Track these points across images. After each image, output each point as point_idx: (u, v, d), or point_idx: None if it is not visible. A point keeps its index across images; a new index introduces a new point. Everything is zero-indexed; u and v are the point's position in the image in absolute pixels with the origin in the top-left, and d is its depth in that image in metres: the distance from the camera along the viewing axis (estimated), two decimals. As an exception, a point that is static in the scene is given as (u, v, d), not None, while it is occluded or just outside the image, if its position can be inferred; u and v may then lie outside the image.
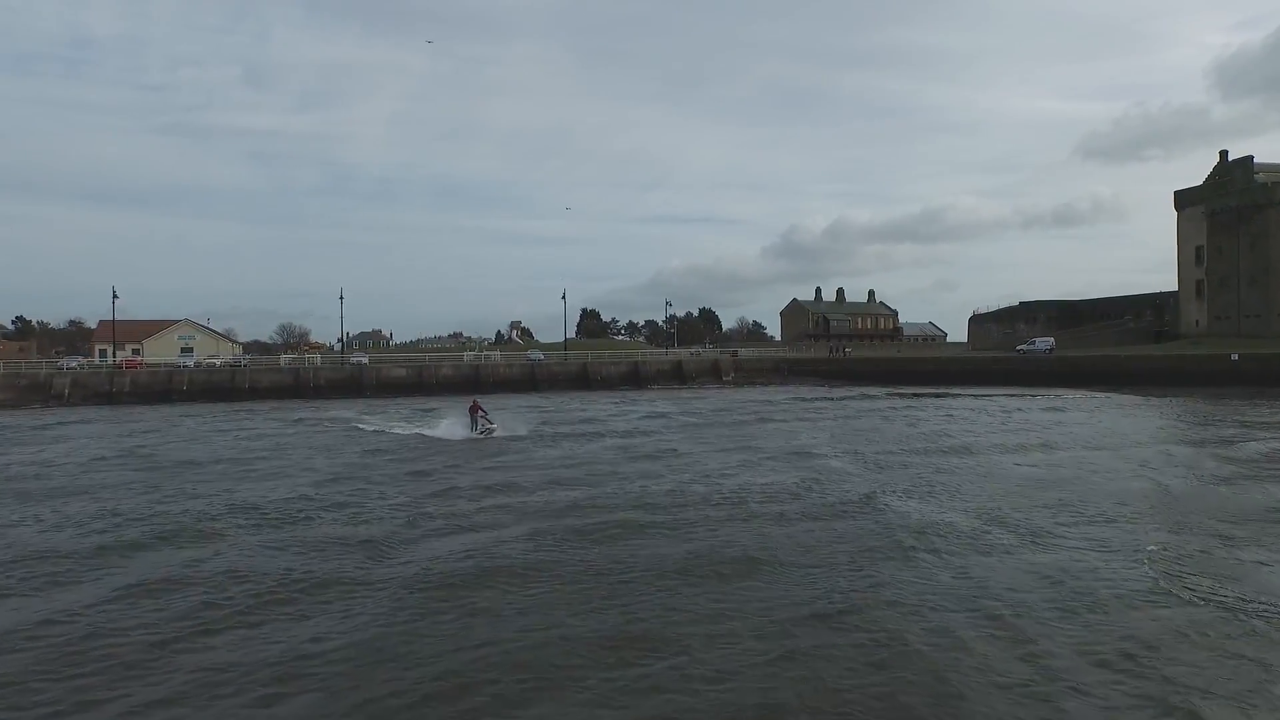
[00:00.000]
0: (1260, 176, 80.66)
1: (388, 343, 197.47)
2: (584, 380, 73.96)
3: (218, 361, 75.33)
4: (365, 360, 75.59)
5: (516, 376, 72.97)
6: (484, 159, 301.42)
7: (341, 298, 77.11)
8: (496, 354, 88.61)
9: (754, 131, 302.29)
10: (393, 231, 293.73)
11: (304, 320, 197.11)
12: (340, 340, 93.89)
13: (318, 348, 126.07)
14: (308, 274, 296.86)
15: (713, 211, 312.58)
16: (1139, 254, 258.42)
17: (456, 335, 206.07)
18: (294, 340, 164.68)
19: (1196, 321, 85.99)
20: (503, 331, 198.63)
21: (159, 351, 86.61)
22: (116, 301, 70.81)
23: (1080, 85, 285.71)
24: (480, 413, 31.89)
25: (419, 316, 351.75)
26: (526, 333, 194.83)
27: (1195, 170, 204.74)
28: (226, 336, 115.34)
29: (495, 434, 30.60)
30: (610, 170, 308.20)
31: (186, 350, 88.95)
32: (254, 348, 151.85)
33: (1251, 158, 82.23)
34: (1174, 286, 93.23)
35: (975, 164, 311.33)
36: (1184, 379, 60.53)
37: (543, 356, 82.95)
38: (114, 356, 74.96)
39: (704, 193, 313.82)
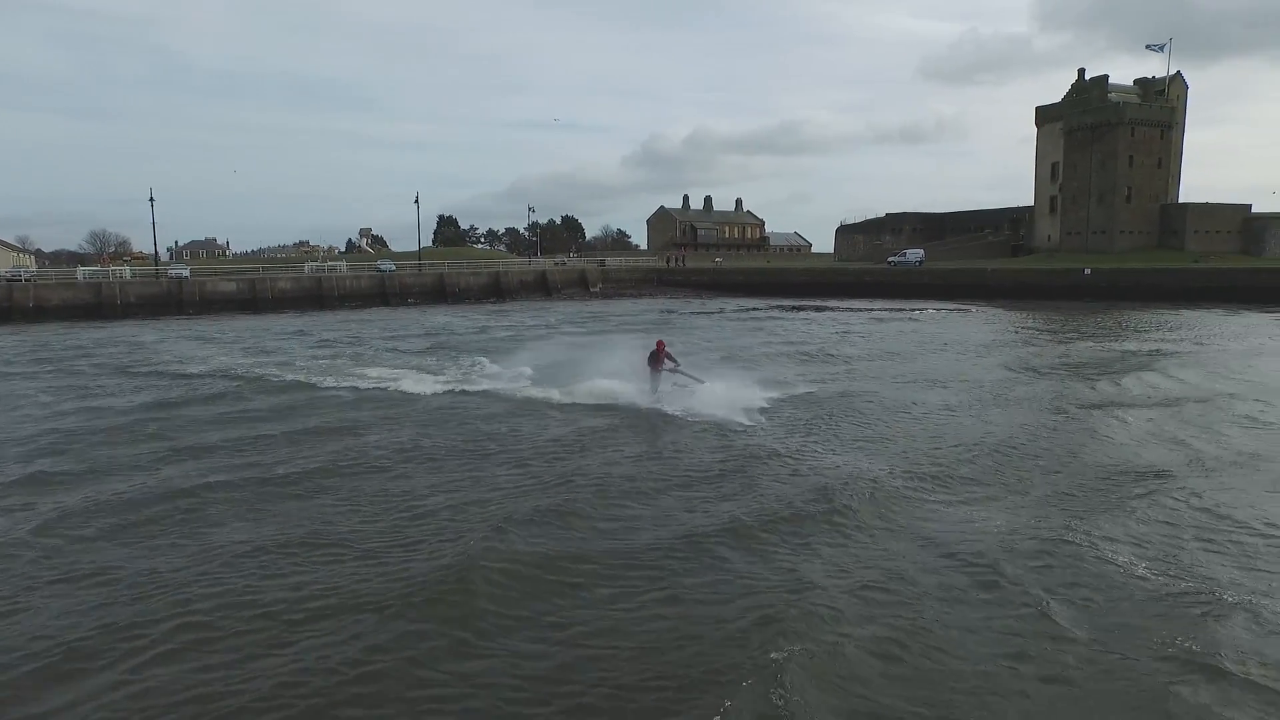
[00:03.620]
0: (1113, 96, 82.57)
1: (224, 252, 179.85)
2: (441, 293, 67.85)
3: (-7, 275, 63.18)
4: (186, 273, 65.75)
5: (365, 290, 65.87)
6: (338, 55, 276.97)
7: (151, 199, 66.38)
8: (342, 265, 79.95)
9: (623, 36, 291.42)
10: (235, 131, 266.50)
11: (131, 229, 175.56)
12: (168, 250, 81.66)
13: (140, 258, 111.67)
14: (136, 177, 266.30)
15: (576, 118, 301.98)
16: (980, 171, 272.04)
17: (303, 244, 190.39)
18: (111, 250, 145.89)
19: (1049, 237, 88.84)
20: (354, 240, 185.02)
21: (-79, 262, 72.46)
22: None
23: (932, 5, 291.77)
24: (669, 363, 18.79)
25: (263, 224, 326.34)
26: (378, 241, 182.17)
27: (1022, 96, 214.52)
28: (13, 245, 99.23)
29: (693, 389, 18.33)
30: (473, 72, 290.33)
31: (-42, 260, 74.93)
32: (63, 259, 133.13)
33: (1106, 77, 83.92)
34: (1020, 202, 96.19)
35: (834, 79, 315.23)
36: (1043, 292, 62.00)
37: (394, 267, 75.52)
38: None
39: (568, 98, 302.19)
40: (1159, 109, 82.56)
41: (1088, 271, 64.52)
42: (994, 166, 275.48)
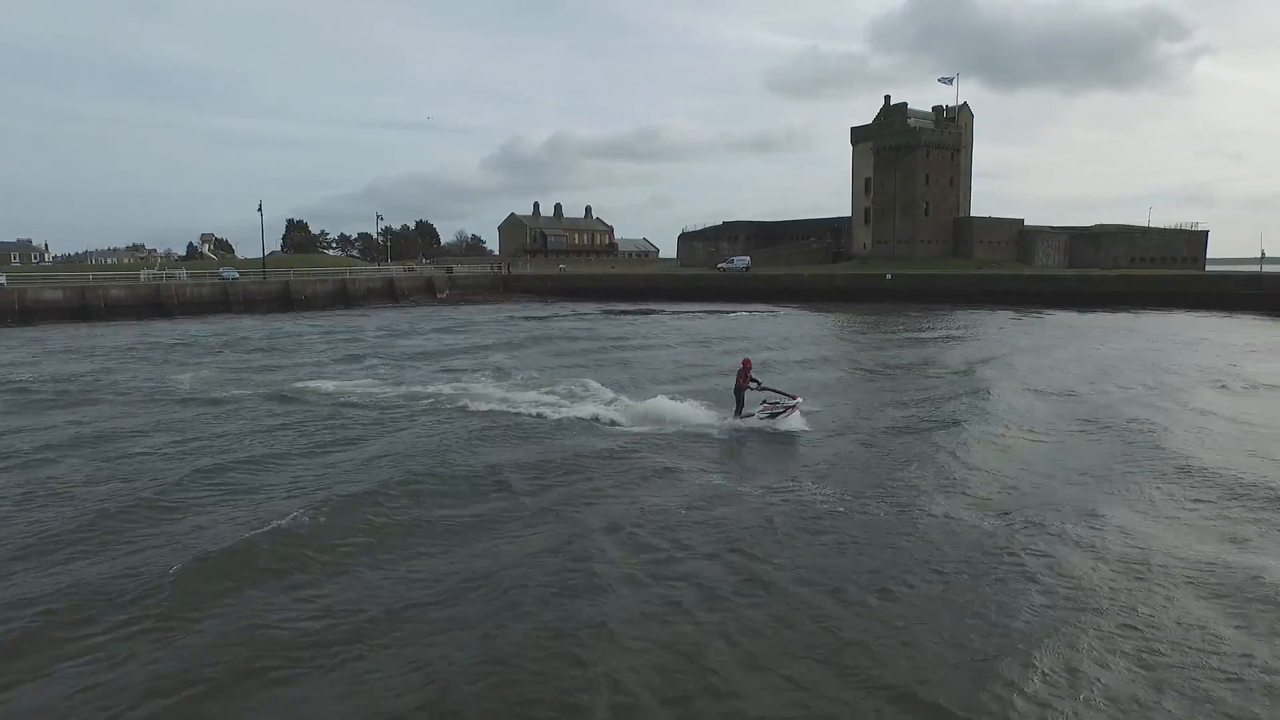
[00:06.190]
0: (912, 121, 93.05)
1: (42, 255, 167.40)
2: (286, 301, 68.21)
3: None
4: (2, 280, 63.39)
5: (206, 298, 65.37)
6: (178, 42, 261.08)
7: (-35, 203, 63.14)
8: (182, 272, 78.32)
9: (485, 38, 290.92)
10: (54, 119, 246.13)
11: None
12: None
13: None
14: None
15: (437, 118, 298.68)
16: (826, 179, 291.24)
17: (136, 248, 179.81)
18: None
19: (864, 245, 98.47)
20: (195, 244, 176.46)
21: None
22: None
23: (778, 21, 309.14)
24: (753, 383, 18.26)
25: (89, 225, 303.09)
26: (223, 245, 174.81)
27: (859, 111, 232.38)
28: None
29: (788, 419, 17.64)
30: (328, 68, 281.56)
31: None
32: None
33: (906, 104, 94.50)
34: (850, 213, 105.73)
35: (689, 88, 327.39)
36: (853, 295, 69.75)
37: (237, 274, 75.08)
38: None
39: (428, 98, 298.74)
40: (949, 134, 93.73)
41: (889, 276, 73.04)
42: (838, 175, 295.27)
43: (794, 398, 18.08)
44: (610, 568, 9.82)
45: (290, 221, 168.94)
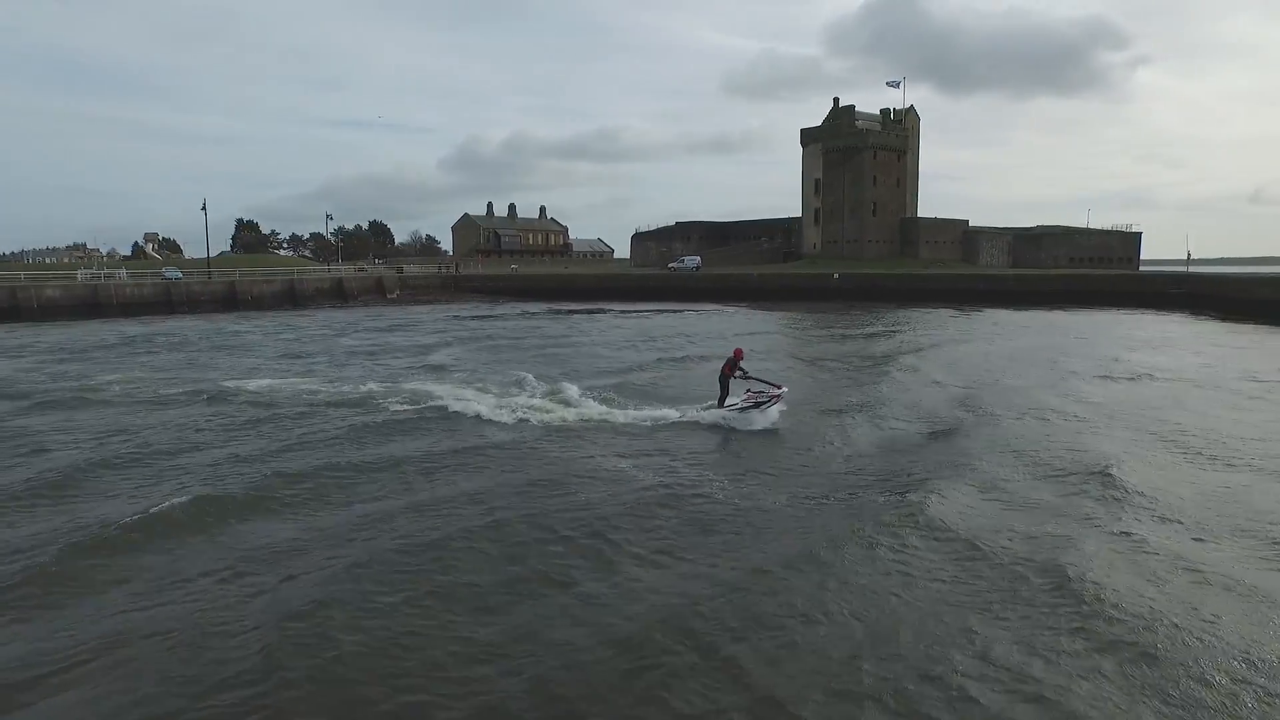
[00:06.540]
0: (860, 123, 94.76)
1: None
2: (232, 301, 67.26)
3: None
4: (-72, 280, 61.63)
5: (148, 298, 64.10)
6: (122, 34, 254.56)
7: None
8: (122, 271, 76.74)
9: (442, 36, 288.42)
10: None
11: None
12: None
13: None
14: None
15: (393, 117, 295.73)
16: (783, 180, 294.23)
17: (77, 248, 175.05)
18: None
19: (814, 245, 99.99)
20: (141, 244, 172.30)
21: None
22: None
23: (735, 23, 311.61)
24: (739, 372, 18.38)
25: (26, 223, 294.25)
26: (170, 245, 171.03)
27: (815, 113, 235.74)
28: None
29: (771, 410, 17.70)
30: (282, 65, 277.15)
31: None
32: None
33: (853, 106, 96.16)
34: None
35: (648, 89, 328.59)
36: (801, 295, 70.87)
37: (180, 274, 73.82)
38: None
39: (385, 96, 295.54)
40: (896, 136, 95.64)
41: (836, 276, 74.39)
42: (794, 176, 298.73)
43: (779, 387, 18.13)
44: (483, 549, 10.28)
45: (240, 221, 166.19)
